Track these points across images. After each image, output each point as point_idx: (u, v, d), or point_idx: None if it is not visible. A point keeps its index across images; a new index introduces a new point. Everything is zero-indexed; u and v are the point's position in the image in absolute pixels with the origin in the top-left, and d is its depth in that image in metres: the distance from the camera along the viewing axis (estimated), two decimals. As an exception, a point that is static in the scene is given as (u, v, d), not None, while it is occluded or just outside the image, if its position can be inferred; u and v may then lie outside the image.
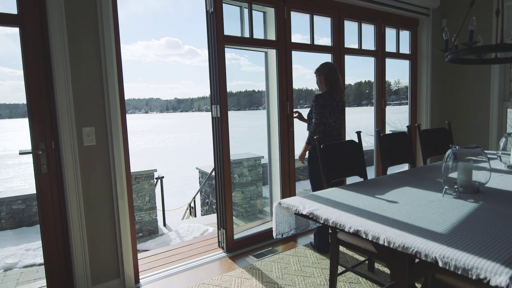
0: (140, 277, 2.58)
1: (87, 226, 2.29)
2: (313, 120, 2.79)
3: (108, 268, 2.40)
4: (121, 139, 2.39)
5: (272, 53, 3.33)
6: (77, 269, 2.26)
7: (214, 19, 2.79)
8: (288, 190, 3.42)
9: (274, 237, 1.84)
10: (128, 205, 2.45)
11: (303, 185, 8.39)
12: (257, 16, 3.19)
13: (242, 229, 3.33)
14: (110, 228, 2.40)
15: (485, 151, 1.98)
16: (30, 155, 2.14)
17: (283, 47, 3.24)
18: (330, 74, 2.82)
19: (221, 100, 2.86)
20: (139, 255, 2.92)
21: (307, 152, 2.88)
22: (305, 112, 3.19)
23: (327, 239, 2.88)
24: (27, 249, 4.42)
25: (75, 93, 2.21)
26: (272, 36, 3.28)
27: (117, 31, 2.37)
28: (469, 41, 1.99)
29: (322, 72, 2.84)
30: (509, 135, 2.46)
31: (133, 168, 5.40)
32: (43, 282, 2.29)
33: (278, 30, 3.21)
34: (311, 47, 3.50)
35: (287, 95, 3.31)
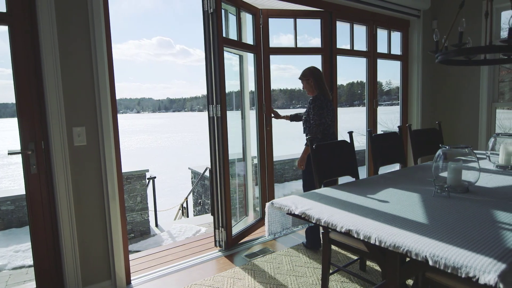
0: (131, 278, 2.56)
1: (77, 227, 2.27)
2: (312, 122, 2.82)
3: (99, 269, 2.38)
4: (113, 139, 2.37)
5: (249, 56, 3.52)
6: (68, 271, 2.23)
7: (215, 20, 2.79)
8: (266, 191, 3.49)
9: (267, 237, 1.84)
10: (119, 205, 2.43)
11: (291, 186, 8.40)
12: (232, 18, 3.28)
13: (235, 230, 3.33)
14: (101, 229, 2.38)
15: (475, 151, 2.00)
16: (19, 155, 2.11)
17: (260, 52, 3.40)
18: (319, 77, 2.93)
19: (221, 100, 2.89)
20: (131, 256, 2.90)
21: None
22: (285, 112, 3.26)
23: (318, 236, 2.92)
24: (16, 251, 4.36)
25: (66, 93, 2.18)
26: (249, 40, 3.42)
27: (108, 29, 2.35)
28: (459, 42, 2.02)
29: (311, 76, 2.93)
30: (498, 135, 2.50)
31: (125, 169, 5.36)
32: (33, 284, 2.26)
33: (256, 35, 3.36)
34: (294, 51, 3.61)
35: (265, 97, 3.46)
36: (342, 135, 3.42)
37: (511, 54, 2.21)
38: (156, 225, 6.20)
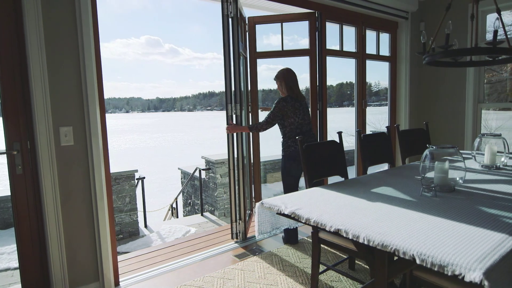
0: (120, 280, 2.53)
1: (64, 229, 2.23)
2: (264, 118, 2.96)
3: (86, 271, 2.35)
4: (101, 139, 2.34)
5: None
6: (54, 273, 2.20)
7: (236, 24, 2.94)
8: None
9: (257, 237, 1.85)
10: (107, 206, 2.40)
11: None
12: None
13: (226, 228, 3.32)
14: (89, 230, 2.34)
15: (461, 151, 2.04)
16: (4, 156, 2.07)
17: (246, 56, 3.53)
18: (289, 79, 2.99)
19: (240, 100, 3.08)
20: (119, 257, 2.87)
21: (282, 150, 3.00)
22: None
23: (294, 231, 3.05)
24: (1, 253, 4.27)
25: (52, 92, 2.14)
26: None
27: (96, 27, 2.31)
28: (445, 44, 2.05)
29: (283, 79, 3.01)
30: (483, 136, 2.55)
31: (113, 169, 5.30)
32: (19, 287, 2.22)
33: (244, 41, 3.49)
34: (281, 54, 3.67)
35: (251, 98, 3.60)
36: (332, 135, 3.46)
37: (496, 56, 2.25)
38: (145, 226, 6.15)
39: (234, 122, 3.07)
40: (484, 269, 0.98)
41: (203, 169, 6.50)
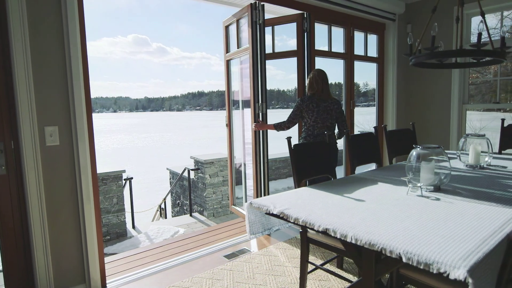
0: (107, 282, 2.50)
1: (50, 230, 2.19)
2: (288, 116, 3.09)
3: (72, 273, 2.31)
4: (87, 139, 2.30)
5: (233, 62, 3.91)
6: (39, 275, 2.15)
7: (263, 30, 3.25)
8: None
9: (249, 238, 1.84)
10: (94, 207, 2.36)
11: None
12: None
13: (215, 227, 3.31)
14: (75, 232, 2.31)
15: (446, 151, 2.08)
16: (-13, 156, 2.02)
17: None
18: (311, 79, 3.06)
19: (266, 99, 3.38)
20: (106, 259, 2.83)
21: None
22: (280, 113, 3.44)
23: None
24: (-17, 256, 4.16)
25: (37, 91, 2.10)
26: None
27: (83, 24, 2.26)
28: (431, 46, 2.09)
29: (308, 78, 3.13)
30: (468, 136, 2.61)
31: (101, 169, 5.22)
32: (1, 290, 2.17)
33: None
34: (272, 56, 3.72)
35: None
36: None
37: (480, 58, 2.30)
38: (133, 226, 6.08)
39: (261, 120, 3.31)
40: (468, 266, 1.00)
41: (192, 169, 6.46)
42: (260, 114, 3.33)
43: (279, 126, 3.06)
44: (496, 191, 1.81)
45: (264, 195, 3.39)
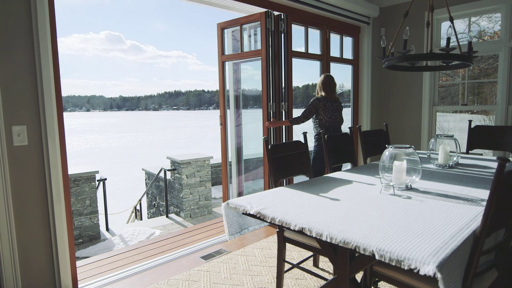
0: (79, 286, 2.42)
1: (17, 234, 2.10)
2: (302, 113, 3.46)
3: (42, 278, 2.22)
4: (58, 139, 2.22)
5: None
6: (6, 280, 2.05)
7: (275, 36, 3.52)
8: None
9: (228, 239, 1.83)
10: (65, 209, 2.28)
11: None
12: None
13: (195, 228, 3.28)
14: (45, 235, 2.22)
15: (417, 151, 2.15)
16: None
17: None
18: (322, 82, 3.52)
19: (289, 98, 3.66)
20: (78, 263, 2.74)
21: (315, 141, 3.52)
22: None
23: None
24: None
25: (4, 88, 2.00)
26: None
27: (53, 18, 2.17)
28: (403, 49, 2.16)
29: (320, 82, 3.56)
30: (438, 137, 2.71)
31: (73, 170, 5.05)
32: (-36, 298, 2.05)
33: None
34: (240, 56, 3.81)
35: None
36: (297, 136, 3.53)
37: (449, 62, 2.40)
38: (107, 229, 5.92)
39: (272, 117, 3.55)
40: (437, 262, 1.04)
41: (168, 170, 6.36)
42: (283, 112, 3.65)
43: (295, 121, 3.47)
44: (464, 189, 1.89)
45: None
